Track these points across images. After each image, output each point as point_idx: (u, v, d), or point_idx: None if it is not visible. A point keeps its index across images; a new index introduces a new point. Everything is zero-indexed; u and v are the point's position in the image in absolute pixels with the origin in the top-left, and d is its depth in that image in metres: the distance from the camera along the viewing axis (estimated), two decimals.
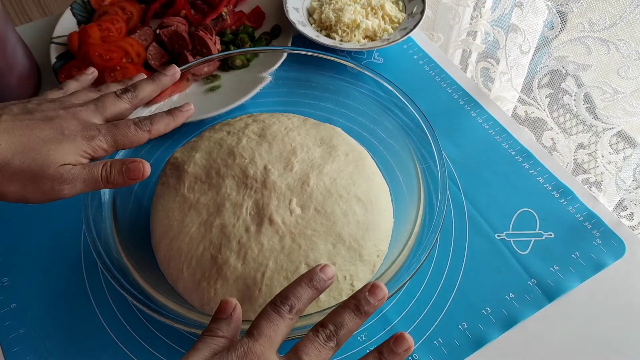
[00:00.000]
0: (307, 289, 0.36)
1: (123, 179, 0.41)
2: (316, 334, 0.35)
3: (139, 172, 0.41)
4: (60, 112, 0.41)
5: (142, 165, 0.41)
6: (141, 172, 0.41)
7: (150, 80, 0.47)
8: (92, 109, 0.43)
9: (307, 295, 0.36)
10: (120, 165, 0.41)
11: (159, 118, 0.45)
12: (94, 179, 0.40)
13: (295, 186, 0.48)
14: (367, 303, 0.36)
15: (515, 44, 0.63)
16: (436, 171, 0.48)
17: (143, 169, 0.41)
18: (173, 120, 0.45)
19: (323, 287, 0.36)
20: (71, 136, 0.40)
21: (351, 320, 0.35)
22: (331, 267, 0.37)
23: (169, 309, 0.41)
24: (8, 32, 0.59)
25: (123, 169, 0.41)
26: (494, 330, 0.48)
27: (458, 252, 0.53)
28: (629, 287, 0.51)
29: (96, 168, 0.41)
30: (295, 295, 0.35)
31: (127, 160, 0.41)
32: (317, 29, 0.70)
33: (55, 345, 0.47)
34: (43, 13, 1.34)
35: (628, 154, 0.58)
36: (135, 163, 0.41)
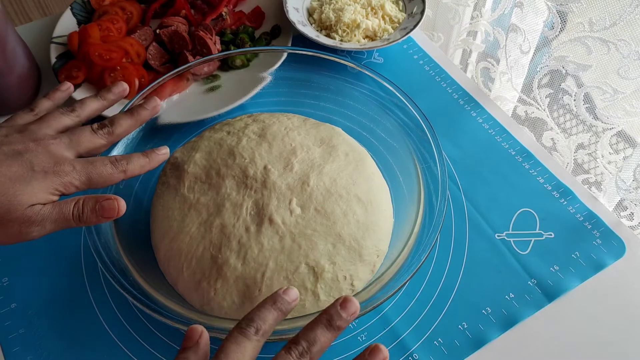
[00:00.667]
0: (271, 310, 0.35)
1: (96, 217, 0.39)
2: (289, 351, 0.34)
3: (114, 210, 0.39)
4: (30, 145, 0.39)
5: (117, 202, 0.39)
6: (116, 210, 0.39)
7: (128, 115, 0.45)
8: (66, 143, 0.40)
9: (272, 317, 0.35)
10: (94, 203, 0.39)
11: (136, 159, 0.43)
12: (65, 218, 0.38)
13: (295, 186, 0.48)
14: (339, 317, 0.35)
15: (515, 44, 0.63)
16: (436, 171, 0.48)
17: (118, 207, 0.39)
18: (149, 163, 0.43)
19: (287, 309, 0.36)
20: (41, 173, 0.38)
21: (323, 336, 0.35)
22: (293, 289, 0.36)
23: (169, 309, 0.41)
24: (8, 32, 0.59)
25: (97, 208, 0.39)
26: (494, 330, 0.48)
27: (458, 252, 0.53)
28: (629, 287, 0.51)
29: (67, 206, 0.38)
30: (260, 317, 0.35)
31: (101, 198, 0.39)
32: (317, 29, 0.70)
33: (55, 345, 0.47)
34: (43, 13, 1.34)
35: (628, 154, 0.58)
36: (110, 201, 0.39)
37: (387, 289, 0.42)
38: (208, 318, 0.42)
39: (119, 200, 0.40)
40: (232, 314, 0.44)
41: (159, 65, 0.66)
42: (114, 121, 0.44)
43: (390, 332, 0.48)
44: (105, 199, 0.39)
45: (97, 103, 0.45)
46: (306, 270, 0.44)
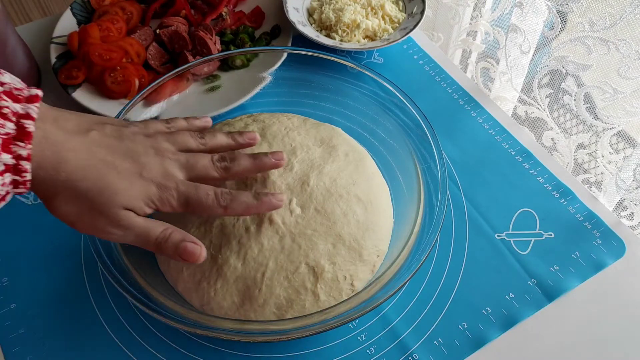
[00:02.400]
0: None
1: (174, 253, 0.39)
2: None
3: (194, 256, 0.39)
4: (149, 151, 0.39)
5: (201, 251, 0.39)
6: (196, 257, 0.39)
7: (250, 159, 0.44)
8: (182, 163, 0.40)
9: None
10: (179, 239, 0.39)
11: (243, 199, 0.41)
12: (147, 238, 0.38)
13: (295, 186, 0.48)
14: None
15: (515, 44, 0.63)
16: (436, 171, 0.48)
17: (200, 255, 0.39)
18: (255, 207, 0.42)
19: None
20: (147, 180, 0.38)
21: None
22: None
23: (169, 309, 0.41)
24: (8, 32, 0.59)
25: (180, 245, 0.39)
26: (494, 330, 0.48)
27: (458, 252, 0.53)
28: (629, 287, 0.51)
29: (155, 228, 0.39)
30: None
31: (188, 238, 0.39)
32: (317, 29, 0.70)
33: (55, 345, 0.47)
34: (43, 13, 1.34)
35: (628, 154, 0.58)
36: (195, 245, 0.39)
37: (387, 289, 0.42)
38: (208, 318, 0.42)
39: (203, 249, 0.39)
40: (232, 314, 0.44)
41: (159, 65, 0.66)
42: (235, 159, 0.43)
43: (390, 332, 0.48)
44: (191, 241, 0.39)
45: (226, 140, 0.45)
46: (306, 270, 0.44)
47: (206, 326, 0.40)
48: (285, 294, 0.43)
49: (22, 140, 0.33)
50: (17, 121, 0.33)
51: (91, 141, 0.37)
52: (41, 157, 0.34)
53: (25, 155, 0.33)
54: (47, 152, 0.34)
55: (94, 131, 0.37)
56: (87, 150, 0.36)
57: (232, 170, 0.43)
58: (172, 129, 0.44)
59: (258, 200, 0.42)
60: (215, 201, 0.40)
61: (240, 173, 0.43)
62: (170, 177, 0.39)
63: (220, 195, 0.40)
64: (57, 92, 0.65)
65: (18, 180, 0.33)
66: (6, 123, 0.32)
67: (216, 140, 0.45)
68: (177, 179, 0.39)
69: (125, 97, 0.63)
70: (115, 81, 0.62)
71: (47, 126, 0.35)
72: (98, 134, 0.37)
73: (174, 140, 0.41)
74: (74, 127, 0.37)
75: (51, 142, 0.35)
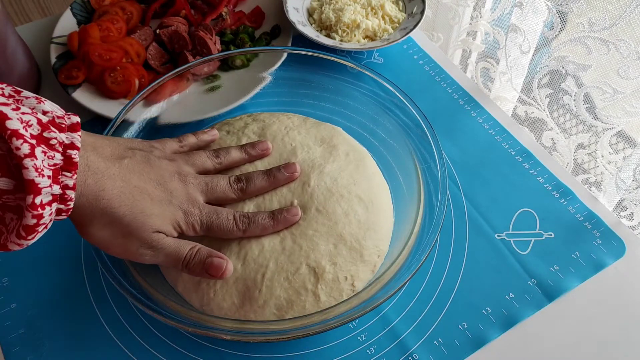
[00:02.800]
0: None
1: (201, 270, 0.41)
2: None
3: (220, 270, 0.41)
4: (174, 177, 0.42)
5: (227, 264, 0.41)
6: (221, 271, 0.41)
7: (265, 177, 0.46)
8: (202, 188, 0.43)
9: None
10: (206, 256, 0.41)
11: (260, 221, 0.44)
12: (177, 258, 0.40)
13: (295, 187, 0.48)
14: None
15: (515, 44, 0.63)
16: (436, 171, 0.48)
17: (225, 268, 0.41)
18: (272, 227, 0.44)
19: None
20: (176, 205, 0.40)
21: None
22: None
23: (169, 309, 0.41)
24: (8, 32, 0.59)
25: (206, 262, 0.41)
26: (494, 330, 0.48)
27: (458, 252, 0.53)
28: (629, 287, 0.51)
29: (184, 247, 0.41)
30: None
31: (214, 253, 0.41)
32: (317, 29, 0.70)
33: (55, 345, 0.47)
34: (43, 13, 1.34)
35: (628, 154, 0.58)
36: (220, 260, 0.41)
37: (387, 289, 0.42)
38: (208, 318, 0.42)
39: (229, 263, 0.41)
40: (231, 315, 0.44)
41: (159, 65, 0.66)
42: (250, 179, 0.46)
43: (390, 332, 0.48)
44: (217, 256, 0.41)
45: (240, 155, 0.48)
46: (307, 271, 0.44)
47: (206, 326, 0.40)
48: (285, 294, 0.43)
49: (69, 171, 0.34)
50: (63, 151, 0.34)
51: (126, 168, 0.39)
52: (84, 185, 0.36)
53: (71, 185, 0.34)
54: (89, 181, 0.36)
55: (128, 158, 0.39)
56: (123, 178, 0.38)
57: (248, 190, 0.45)
58: (185, 147, 0.47)
59: (274, 220, 0.44)
60: (235, 225, 0.43)
61: (256, 192, 0.46)
62: (194, 203, 0.42)
63: (239, 219, 0.43)
64: (57, 92, 0.65)
65: (62, 209, 0.34)
66: (55, 154, 0.33)
67: (230, 157, 0.47)
68: (200, 204, 0.42)
69: (125, 97, 0.63)
70: (115, 81, 0.62)
71: (88, 154, 0.37)
72: (131, 161, 0.39)
73: (192, 163, 0.44)
74: (110, 154, 0.39)
75: (93, 170, 0.36)
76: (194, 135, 0.49)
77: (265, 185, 0.46)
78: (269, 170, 0.47)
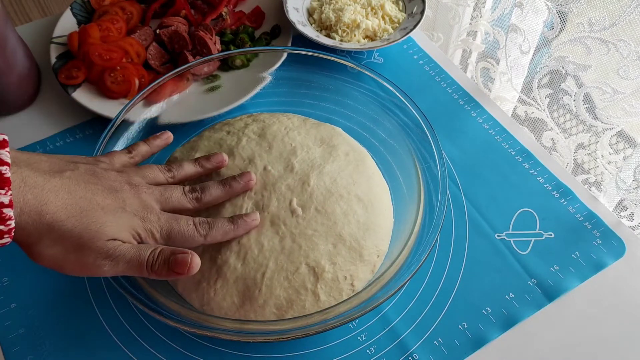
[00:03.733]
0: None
1: (167, 270, 0.38)
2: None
3: (185, 265, 0.38)
4: (125, 187, 0.40)
5: (191, 258, 0.38)
6: (187, 266, 0.38)
7: (220, 186, 0.45)
8: (156, 197, 0.41)
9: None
10: (169, 254, 0.38)
11: (220, 225, 0.42)
12: (139, 262, 0.37)
13: (295, 186, 0.48)
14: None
15: (515, 44, 0.63)
16: (436, 171, 0.48)
17: (190, 262, 0.38)
18: (233, 230, 0.43)
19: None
20: (130, 213, 0.38)
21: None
22: None
23: (169, 309, 0.41)
24: (8, 32, 0.59)
25: (170, 260, 0.38)
26: (494, 330, 0.48)
27: (458, 252, 0.53)
28: (629, 287, 0.51)
29: (145, 251, 0.38)
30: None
31: (177, 250, 0.38)
32: (317, 29, 0.70)
33: (55, 345, 0.47)
34: (43, 13, 1.34)
35: (628, 154, 0.58)
36: (184, 255, 0.38)
37: (387, 289, 0.42)
38: (208, 318, 0.42)
39: (193, 256, 0.38)
40: (232, 314, 0.44)
41: (159, 65, 0.66)
42: (205, 189, 0.45)
43: (390, 332, 0.48)
44: (180, 252, 0.38)
45: (194, 169, 0.47)
46: (306, 271, 0.44)
47: (206, 326, 0.40)
48: (285, 294, 0.43)
49: (1, 187, 0.32)
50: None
51: (69, 180, 0.36)
52: (23, 202, 0.33)
53: (7, 203, 0.32)
54: (28, 196, 0.34)
55: (69, 171, 0.37)
56: (67, 190, 0.36)
57: (203, 200, 0.44)
58: (137, 157, 0.46)
59: (234, 224, 0.43)
60: (196, 231, 0.41)
61: (212, 201, 0.45)
62: (152, 210, 0.40)
63: (199, 224, 0.42)
64: (57, 92, 0.65)
65: (2, 230, 0.32)
66: None
67: (184, 172, 0.46)
68: (157, 211, 0.40)
69: (125, 97, 0.63)
70: (115, 81, 0.63)
71: (22, 170, 0.34)
72: (73, 174, 0.37)
73: (143, 175, 0.43)
74: (49, 168, 0.36)
75: (30, 185, 0.34)
76: (145, 142, 0.47)
77: (221, 195, 0.45)
78: (225, 180, 0.46)
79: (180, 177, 0.46)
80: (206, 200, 0.44)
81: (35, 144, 0.61)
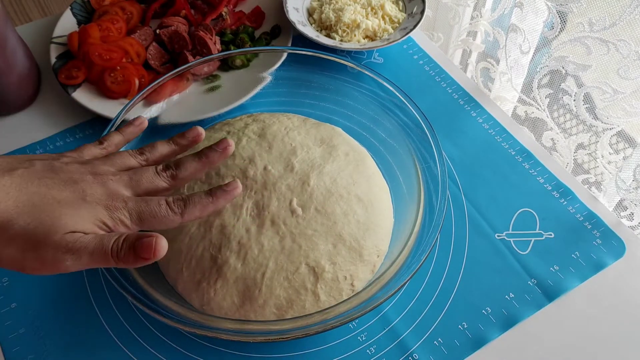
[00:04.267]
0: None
1: (134, 257, 0.35)
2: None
3: (150, 248, 0.34)
4: (87, 177, 0.37)
5: (155, 240, 0.35)
6: (152, 249, 0.34)
7: (196, 158, 0.42)
8: (125, 181, 0.38)
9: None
10: (134, 240, 0.35)
11: (197, 200, 0.38)
12: (103, 252, 0.34)
13: (295, 186, 0.48)
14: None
15: (515, 44, 0.63)
16: (436, 171, 0.48)
17: (154, 245, 0.34)
18: (212, 203, 0.39)
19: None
20: (92, 203, 0.35)
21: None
22: None
23: (169, 309, 0.41)
24: (8, 32, 0.59)
25: (136, 245, 0.34)
26: (494, 330, 0.48)
27: (458, 252, 0.53)
28: (629, 287, 0.51)
29: (108, 239, 0.35)
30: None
31: (143, 235, 0.35)
32: (317, 29, 0.70)
33: (55, 345, 0.47)
34: (43, 13, 1.34)
35: (628, 154, 0.58)
36: (149, 239, 0.35)
37: (387, 289, 0.42)
38: (208, 318, 0.42)
39: (158, 239, 0.35)
40: (232, 314, 0.44)
41: (159, 65, 0.66)
42: (180, 164, 0.41)
43: (390, 332, 0.48)
44: (146, 237, 0.35)
45: (168, 148, 0.44)
46: (306, 271, 0.44)
47: (206, 326, 0.40)
48: (285, 294, 0.43)
49: None
50: None
51: (20, 177, 0.34)
52: None
53: None
54: None
55: (21, 169, 0.35)
56: (17, 187, 0.34)
57: (180, 176, 0.41)
58: (108, 147, 0.43)
59: (213, 196, 0.39)
60: (169, 210, 0.37)
61: (190, 176, 0.41)
62: (117, 197, 0.37)
63: (173, 203, 0.38)
64: (57, 92, 0.65)
65: None
66: None
67: (157, 152, 0.43)
68: (124, 196, 0.37)
69: (125, 97, 0.63)
70: (115, 81, 0.63)
71: None
72: (26, 171, 0.35)
73: (111, 163, 0.39)
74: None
75: None
76: (118, 132, 0.44)
77: (198, 168, 0.41)
78: (200, 151, 0.42)
79: (155, 159, 0.43)
80: (183, 175, 0.41)
81: (35, 144, 0.61)
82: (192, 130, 0.45)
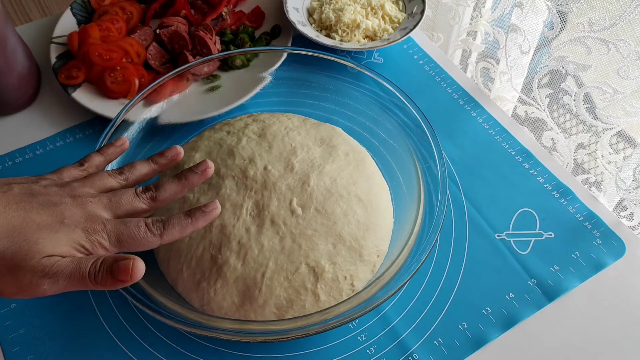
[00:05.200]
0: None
1: (112, 279, 0.34)
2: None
3: (127, 271, 0.34)
4: (66, 200, 0.37)
5: (133, 263, 0.34)
6: (129, 272, 0.34)
7: (176, 180, 0.42)
8: (104, 204, 0.38)
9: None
10: (111, 263, 0.35)
11: (176, 221, 0.39)
12: (81, 276, 0.34)
13: (295, 186, 0.48)
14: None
15: (515, 44, 0.63)
16: (436, 171, 0.48)
17: (132, 267, 0.34)
18: (191, 224, 0.39)
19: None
20: (71, 226, 0.35)
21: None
22: None
23: (169, 309, 0.41)
24: (8, 32, 0.59)
25: (113, 268, 0.34)
26: (494, 330, 0.48)
27: (458, 252, 0.53)
28: (629, 287, 0.51)
29: (85, 262, 0.35)
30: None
31: (120, 257, 0.35)
32: (317, 29, 0.70)
33: (55, 345, 0.47)
34: (43, 13, 1.34)
35: (628, 154, 0.58)
36: (126, 261, 0.35)
37: (387, 289, 0.42)
38: (208, 318, 0.42)
39: (135, 261, 0.35)
40: (232, 314, 0.44)
41: (159, 65, 0.66)
42: (159, 186, 0.41)
43: (390, 332, 0.48)
44: (122, 259, 0.35)
45: (148, 167, 0.44)
46: (306, 271, 0.44)
47: (206, 326, 0.40)
48: (285, 294, 0.43)
49: None
50: None
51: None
52: None
53: None
54: None
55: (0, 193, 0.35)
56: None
57: (159, 197, 0.41)
58: (89, 169, 0.42)
59: (192, 217, 0.39)
60: (148, 232, 0.38)
61: (169, 197, 0.41)
62: (95, 219, 0.37)
63: (152, 224, 0.38)
64: (57, 92, 0.65)
65: None
66: None
67: (137, 172, 0.43)
68: (104, 219, 0.37)
69: (125, 97, 0.63)
70: (115, 81, 0.63)
71: None
72: (4, 195, 0.35)
73: (90, 185, 0.39)
74: None
75: None
76: (98, 152, 0.44)
77: (178, 189, 0.41)
78: (180, 173, 0.42)
79: (135, 179, 0.43)
80: (162, 197, 0.41)
81: (35, 144, 0.61)
82: (171, 150, 0.45)
